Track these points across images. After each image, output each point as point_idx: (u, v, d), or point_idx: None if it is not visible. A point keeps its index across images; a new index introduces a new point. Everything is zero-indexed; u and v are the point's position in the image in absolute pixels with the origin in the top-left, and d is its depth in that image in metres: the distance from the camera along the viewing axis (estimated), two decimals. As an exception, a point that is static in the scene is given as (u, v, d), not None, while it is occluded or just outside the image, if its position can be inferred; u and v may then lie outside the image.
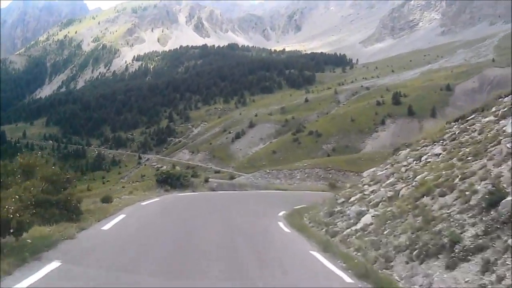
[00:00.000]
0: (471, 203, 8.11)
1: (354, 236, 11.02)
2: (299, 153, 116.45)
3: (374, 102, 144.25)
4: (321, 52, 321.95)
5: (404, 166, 13.88)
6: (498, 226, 6.92)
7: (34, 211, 9.97)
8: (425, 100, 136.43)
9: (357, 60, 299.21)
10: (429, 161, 12.49)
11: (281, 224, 14.48)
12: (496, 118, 11.58)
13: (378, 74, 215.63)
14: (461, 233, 7.47)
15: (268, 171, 74.85)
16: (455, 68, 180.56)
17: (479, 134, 11.47)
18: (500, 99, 13.27)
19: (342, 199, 15.16)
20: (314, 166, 72.23)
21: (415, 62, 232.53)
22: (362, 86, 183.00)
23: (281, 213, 17.47)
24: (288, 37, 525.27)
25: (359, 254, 9.65)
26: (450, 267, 7.07)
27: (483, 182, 8.48)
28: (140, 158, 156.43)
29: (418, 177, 11.52)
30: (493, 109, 12.69)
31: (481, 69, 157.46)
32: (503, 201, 7.20)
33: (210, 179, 78.46)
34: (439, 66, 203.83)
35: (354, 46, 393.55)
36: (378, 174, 15.23)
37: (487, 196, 7.63)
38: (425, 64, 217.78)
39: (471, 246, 7.01)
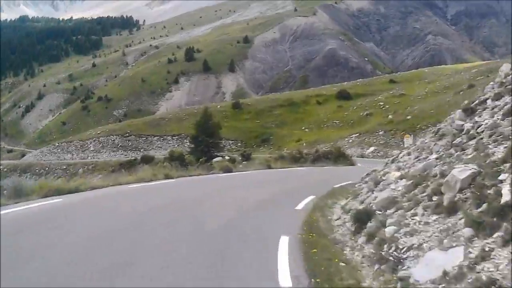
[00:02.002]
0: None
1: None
2: (90, 121, 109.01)
3: (166, 61, 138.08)
4: (108, 16, 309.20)
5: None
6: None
7: None
8: (221, 54, 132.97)
9: (144, 21, 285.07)
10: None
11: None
12: None
13: (167, 33, 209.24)
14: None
15: (57, 144, 66.46)
16: (251, 21, 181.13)
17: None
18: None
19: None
20: (110, 133, 61.57)
21: (205, 18, 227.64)
22: (151, 45, 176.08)
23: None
24: (75, 6, 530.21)
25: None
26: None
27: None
28: None
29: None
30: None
31: (282, 19, 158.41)
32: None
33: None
34: (232, 20, 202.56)
35: (139, 9, 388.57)
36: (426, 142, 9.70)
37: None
38: (216, 20, 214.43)
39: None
